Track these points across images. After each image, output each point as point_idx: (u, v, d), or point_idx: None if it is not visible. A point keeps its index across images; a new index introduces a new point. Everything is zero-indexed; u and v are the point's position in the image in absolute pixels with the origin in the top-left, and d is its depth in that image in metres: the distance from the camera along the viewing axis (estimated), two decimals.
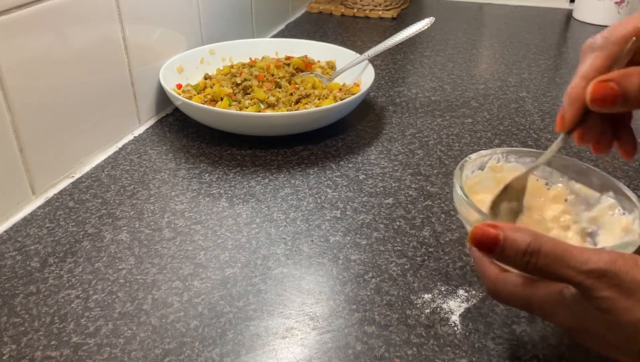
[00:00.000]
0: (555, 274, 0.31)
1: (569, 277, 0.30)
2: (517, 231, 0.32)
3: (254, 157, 0.65)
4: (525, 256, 0.31)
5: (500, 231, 0.32)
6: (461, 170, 0.42)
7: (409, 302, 0.44)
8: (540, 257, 0.31)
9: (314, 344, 0.41)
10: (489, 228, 0.32)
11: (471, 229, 0.33)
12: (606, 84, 0.33)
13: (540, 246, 0.31)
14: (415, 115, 0.76)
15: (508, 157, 0.46)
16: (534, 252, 0.31)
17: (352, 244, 0.51)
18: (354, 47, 0.96)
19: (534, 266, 0.31)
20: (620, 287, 0.29)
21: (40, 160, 0.57)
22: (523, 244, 0.31)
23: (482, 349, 0.40)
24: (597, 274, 0.29)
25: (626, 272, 0.29)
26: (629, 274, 0.29)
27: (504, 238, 0.31)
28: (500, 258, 0.32)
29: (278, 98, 0.71)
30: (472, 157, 0.44)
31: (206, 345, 0.40)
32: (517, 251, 0.31)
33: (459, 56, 0.99)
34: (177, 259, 0.49)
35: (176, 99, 0.69)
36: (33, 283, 0.46)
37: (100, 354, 0.40)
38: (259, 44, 0.87)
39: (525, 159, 0.46)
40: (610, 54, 0.35)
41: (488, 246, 0.32)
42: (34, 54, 0.54)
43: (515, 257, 0.31)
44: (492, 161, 0.46)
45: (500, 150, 0.46)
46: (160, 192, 0.59)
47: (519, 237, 0.31)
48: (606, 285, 0.29)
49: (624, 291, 0.29)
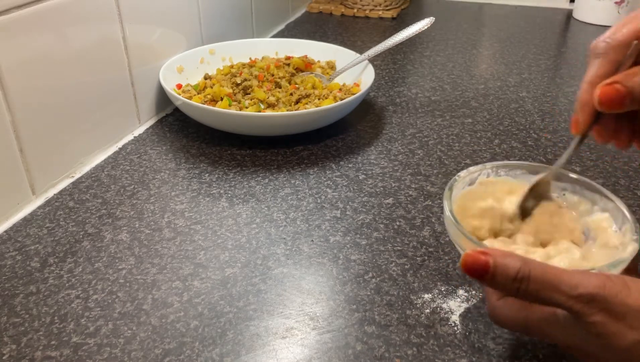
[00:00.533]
0: (545, 299, 0.31)
1: (559, 302, 0.31)
2: (506, 256, 0.32)
3: (254, 157, 0.65)
4: (515, 282, 0.31)
5: (490, 258, 0.32)
6: (450, 191, 0.42)
7: (409, 302, 0.44)
8: (530, 283, 0.31)
9: (314, 344, 0.41)
10: (479, 255, 0.32)
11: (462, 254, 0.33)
12: (612, 86, 0.34)
13: (530, 271, 0.31)
14: (415, 115, 0.76)
15: (498, 171, 0.45)
16: (524, 278, 0.31)
17: (352, 244, 0.51)
18: (354, 47, 0.96)
19: (525, 291, 0.31)
20: (610, 311, 0.30)
21: (40, 160, 0.57)
22: (513, 270, 0.31)
23: (482, 349, 0.40)
24: (586, 299, 0.30)
25: (615, 296, 0.30)
26: (618, 298, 0.30)
27: (493, 265, 0.32)
28: (491, 284, 0.32)
29: (278, 98, 0.71)
30: (461, 175, 0.44)
31: (206, 345, 0.40)
32: (507, 277, 0.31)
33: (459, 56, 0.99)
34: (177, 259, 0.49)
35: (176, 99, 0.69)
36: (33, 283, 0.46)
37: (100, 354, 0.40)
38: (259, 44, 0.87)
39: (516, 171, 0.45)
40: (613, 60, 0.36)
41: (479, 272, 0.32)
42: (34, 54, 0.54)
43: (505, 283, 0.32)
44: (482, 177, 0.45)
45: (490, 165, 0.45)
46: (160, 192, 0.59)
47: (509, 263, 0.31)
48: (596, 309, 0.30)
49: (614, 315, 0.30)
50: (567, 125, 0.73)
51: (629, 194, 0.58)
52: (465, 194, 0.44)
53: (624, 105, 0.34)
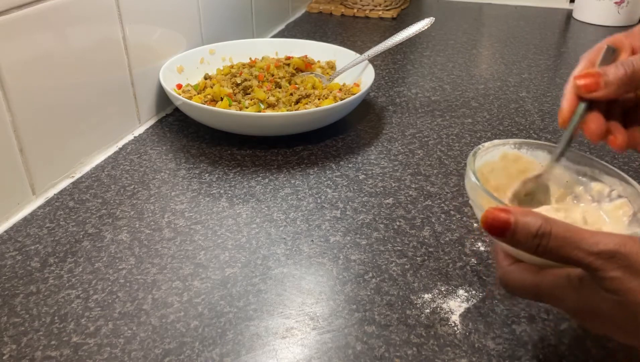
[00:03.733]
0: (565, 256, 0.31)
1: (578, 258, 0.31)
2: (528, 214, 0.32)
3: (254, 157, 0.65)
4: (536, 239, 0.31)
5: (512, 215, 0.32)
6: (474, 157, 0.42)
7: (409, 302, 0.44)
8: (551, 240, 0.31)
9: (314, 344, 0.41)
10: (500, 212, 0.32)
11: None
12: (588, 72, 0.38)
13: (551, 228, 0.31)
14: (415, 115, 0.76)
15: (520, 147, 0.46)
16: (545, 234, 0.31)
17: (352, 244, 0.51)
18: (354, 47, 0.96)
19: (545, 248, 0.31)
20: (630, 268, 0.30)
21: (40, 160, 0.57)
22: (534, 227, 0.31)
23: (482, 349, 0.40)
24: (607, 255, 0.30)
25: (636, 253, 0.30)
26: (639, 255, 0.30)
27: (515, 221, 0.32)
28: (512, 241, 0.33)
29: (278, 98, 0.71)
30: (485, 145, 0.44)
31: (206, 345, 0.41)
32: (528, 233, 0.32)
33: (459, 56, 0.99)
34: (177, 259, 0.49)
35: (176, 99, 0.69)
36: (33, 283, 0.46)
37: (100, 354, 0.40)
38: (259, 44, 0.87)
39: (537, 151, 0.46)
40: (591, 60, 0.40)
41: (499, 229, 0.32)
42: (34, 54, 0.54)
43: (526, 240, 0.32)
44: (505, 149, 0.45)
45: (513, 141, 0.46)
46: (160, 192, 0.59)
47: (530, 221, 0.32)
48: (615, 266, 0.30)
49: (633, 272, 0.30)
50: None
51: None
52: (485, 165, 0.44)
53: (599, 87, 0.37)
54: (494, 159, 0.45)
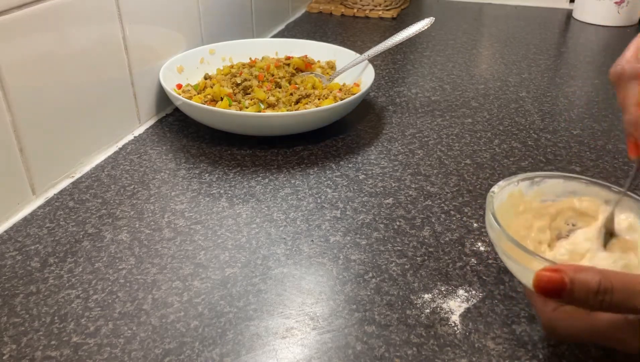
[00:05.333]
0: (631, 308, 0.30)
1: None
2: (581, 271, 0.31)
3: (254, 157, 0.65)
4: (598, 295, 0.30)
5: (565, 275, 0.31)
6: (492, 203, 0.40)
7: (409, 302, 0.44)
8: (614, 294, 0.30)
9: (314, 344, 0.41)
10: (553, 273, 0.31)
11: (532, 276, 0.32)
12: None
13: (612, 282, 0.30)
14: (415, 115, 0.76)
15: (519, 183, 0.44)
16: (607, 290, 0.30)
17: (352, 244, 0.51)
18: (354, 47, 0.96)
19: (609, 303, 0.30)
20: None
21: (40, 160, 0.57)
22: (594, 283, 0.30)
23: (482, 349, 0.40)
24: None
25: None
26: None
27: (571, 281, 0.31)
28: (570, 301, 0.31)
29: (278, 98, 0.71)
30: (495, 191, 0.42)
31: (206, 345, 0.41)
32: (589, 291, 0.30)
33: (459, 56, 0.99)
34: (177, 259, 0.49)
35: (176, 99, 0.69)
36: (33, 283, 0.46)
37: (100, 354, 0.40)
38: (259, 44, 0.87)
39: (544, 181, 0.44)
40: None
41: (555, 291, 0.31)
42: (34, 54, 0.54)
43: (587, 297, 0.31)
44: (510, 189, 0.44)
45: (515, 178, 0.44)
46: (160, 192, 0.59)
47: (587, 277, 0.31)
48: None
49: None
50: (567, 125, 0.73)
51: None
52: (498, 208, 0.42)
53: None
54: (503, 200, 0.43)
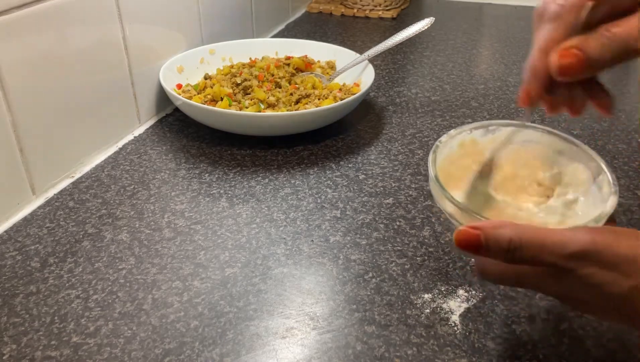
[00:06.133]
0: (539, 262, 0.32)
1: (552, 262, 0.31)
2: (497, 227, 0.32)
3: (254, 157, 0.65)
4: (509, 253, 0.32)
5: (481, 232, 0.33)
6: (435, 154, 0.41)
7: (409, 302, 0.44)
8: (523, 250, 0.32)
9: (314, 344, 0.41)
10: (471, 230, 0.33)
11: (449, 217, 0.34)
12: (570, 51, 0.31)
13: (521, 239, 0.32)
14: (415, 115, 0.76)
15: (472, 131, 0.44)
16: (516, 247, 0.32)
17: (352, 244, 0.51)
18: (354, 47, 0.96)
19: (519, 258, 0.32)
20: (603, 263, 0.30)
21: (40, 160, 0.57)
22: (504, 241, 0.32)
23: (482, 349, 0.40)
24: (579, 256, 0.30)
25: (605, 248, 0.30)
26: (609, 249, 0.30)
27: (485, 238, 0.32)
28: (488, 256, 0.33)
29: (278, 98, 0.71)
30: (442, 140, 0.43)
31: (206, 345, 0.40)
32: (501, 248, 0.32)
33: (459, 56, 0.99)
34: (177, 259, 0.49)
35: (176, 99, 0.69)
36: (33, 283, 0.46)
37: (100, 354, 0.40)
38: (259, 44, 0.87)
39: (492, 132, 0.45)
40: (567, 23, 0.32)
41: (472, 247, 0.33)
42: (34, 54, 0.54)
43: (499, 253, 0.32)
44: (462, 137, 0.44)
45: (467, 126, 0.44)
46: (160, 192, 0.59)
47: (499, 234, 0.32)
48: (589, 263, 0.30)
49: (607, 266, 0.30)
50: (567, 125, 0.73)
51: (629, 194, 0.58)
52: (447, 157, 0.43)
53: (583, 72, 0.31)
54: (453, 150, 0.43)
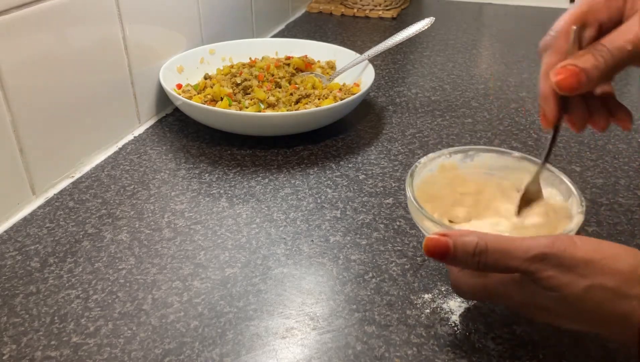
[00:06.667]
0: (504, 267, 0.34)
1: (516, 266, 0.33)
2: (464, 235, 0.34)
3: (254, 157, 0.65)
4: (475, 256, 0.34)
5: (449, 239, 0.34)
6: (412, 178, 0.44)
7: (409, 302, 0.44)
8: (488, 255, 0.34)
9: (314, 344, 0.41)
10: (440, 237, 0.35)
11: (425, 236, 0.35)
12: (565, 68, 0.35)
13: (487, 244, 0.34)
14: (415, 115, 0.76)
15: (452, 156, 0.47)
16: (482, 251, 0.34)
17: (352, 244, 0.51)
18: (354, 47, 0.96)
19: (485, 263, 0.34)
20: (561, 265, 0.32)
21: (40, 160, 0.57)
22: (471, 246, 0.34)
23: (482, 349, 0.40)
24: (539, 258, 0.32)
25: (563, 251, 0.32)
26: (567, 252, 0.32)
27: (453, 245, 0.34)
28: (454, 262, 0.35)
29: (278, 98, 0.71)
30: (421, 162, 0.46)
31: (206, 345, 0.40)
32: (467, 253, 0.34)
33: (459, 56, 0.99)
34: (177, 259, 0.49)
35: (176, 99, 0.69)
36: (33, 283, 0.46)
37: (100, 354, 0.40)
38: (259, 44, 0.87)
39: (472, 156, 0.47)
40: (560, 48, 0.38)
41: (441, 253, 0.35)
42: (34, 54, 0.54)
43: (466, 259, 0.34)
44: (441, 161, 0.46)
45: (447, 150, 0.47)
46: (160, 192, 0.59)
47: (466, 241, 0.34)
48: (548, 266, 0.32)
49: (565, 268, 0.32)
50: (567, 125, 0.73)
51: (629, 194, 0.58)
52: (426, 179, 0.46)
53: (581, 84, 0.35)
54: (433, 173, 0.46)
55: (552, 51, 0.38)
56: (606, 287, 0.32)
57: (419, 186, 0.44)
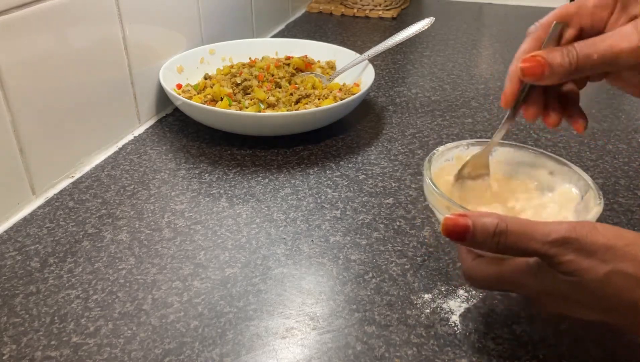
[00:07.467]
0: (523, 249, 0.33)
1: (535, 249, 0.33)
2: (483, 216, 0.34)
3: (254, 157, 0.65)
4: (494, 237, 0.33)
5: (469, 219, 0.34)
6: (430, 163, 0.44)
7: (409, 302, 0.44)
8: (508, 236, 0.33)
9: (314, 344, 0.41)
10: (459, 218, 0.34)
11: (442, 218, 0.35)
12: (533, 57, 0.38)
13: (507, 226, 0.33)
14: (415, 115, 0.76)
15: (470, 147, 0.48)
16: (502, 232, 0.33)
17: (352, 244, 0.51)
18: (354, 47, 0.96)
19: (504, 245, 0.33)
20: (581, 250, 0.32)
21: (40, 160, 0.57)
22: (491, 226, 0.33)
23: (482, 349, 0.40)
24: (560, 242, 0.32)
25: (585, 236, 0.32)
26: (588, 238, 0.32)
27: (473, 224, 0.34)
28: (472, 243, 0.35)
29: (278, 98, 0.71)
30: (439, 150, 0.46)
31: (206, 345, 0.40)
32: (487, 234, 0.33)
33: (459, 56, 0.99)
34: (177, 259, 0.49)
35: (176, 99, 0.69)
36: (33, 283, 0.46)
37: (100, 354, 0.40)
38: (259, 44, 0.87)
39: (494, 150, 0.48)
40: (538, 38, 0.40)
41: (460, 233, 0.34)
42: (34, 54, 0.54)
43: (485, 240, 0.34)
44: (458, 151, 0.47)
45: (465, 141, 0.48)
46: (160, 192, 0.59)
47: (486, 221, 0.34)
48: (569, 250, 0.32)
49: (585, 253, 0.32)
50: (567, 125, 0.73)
51: (629, 194, 0.58)
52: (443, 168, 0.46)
53: (544, 76, 0.37)
54: (451, 162, 0.47)
55: (531, 39, 0.41)
56: (627, 274, 0.31)
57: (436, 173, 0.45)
